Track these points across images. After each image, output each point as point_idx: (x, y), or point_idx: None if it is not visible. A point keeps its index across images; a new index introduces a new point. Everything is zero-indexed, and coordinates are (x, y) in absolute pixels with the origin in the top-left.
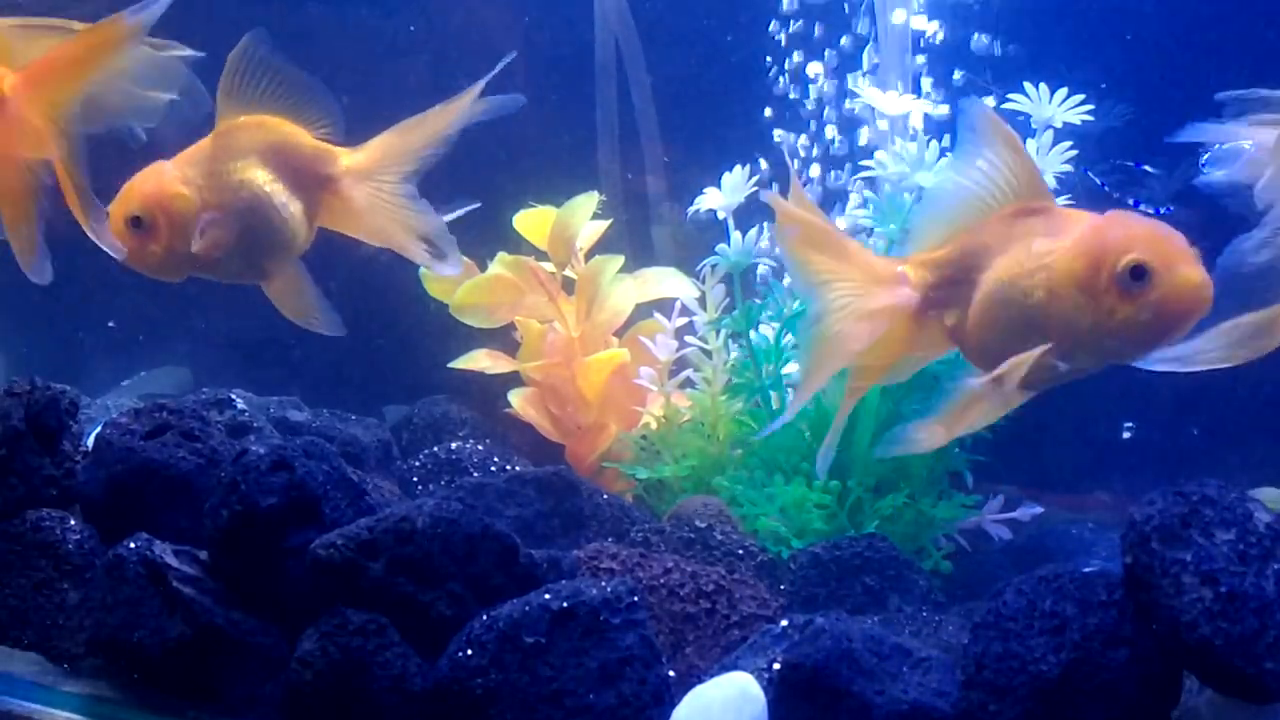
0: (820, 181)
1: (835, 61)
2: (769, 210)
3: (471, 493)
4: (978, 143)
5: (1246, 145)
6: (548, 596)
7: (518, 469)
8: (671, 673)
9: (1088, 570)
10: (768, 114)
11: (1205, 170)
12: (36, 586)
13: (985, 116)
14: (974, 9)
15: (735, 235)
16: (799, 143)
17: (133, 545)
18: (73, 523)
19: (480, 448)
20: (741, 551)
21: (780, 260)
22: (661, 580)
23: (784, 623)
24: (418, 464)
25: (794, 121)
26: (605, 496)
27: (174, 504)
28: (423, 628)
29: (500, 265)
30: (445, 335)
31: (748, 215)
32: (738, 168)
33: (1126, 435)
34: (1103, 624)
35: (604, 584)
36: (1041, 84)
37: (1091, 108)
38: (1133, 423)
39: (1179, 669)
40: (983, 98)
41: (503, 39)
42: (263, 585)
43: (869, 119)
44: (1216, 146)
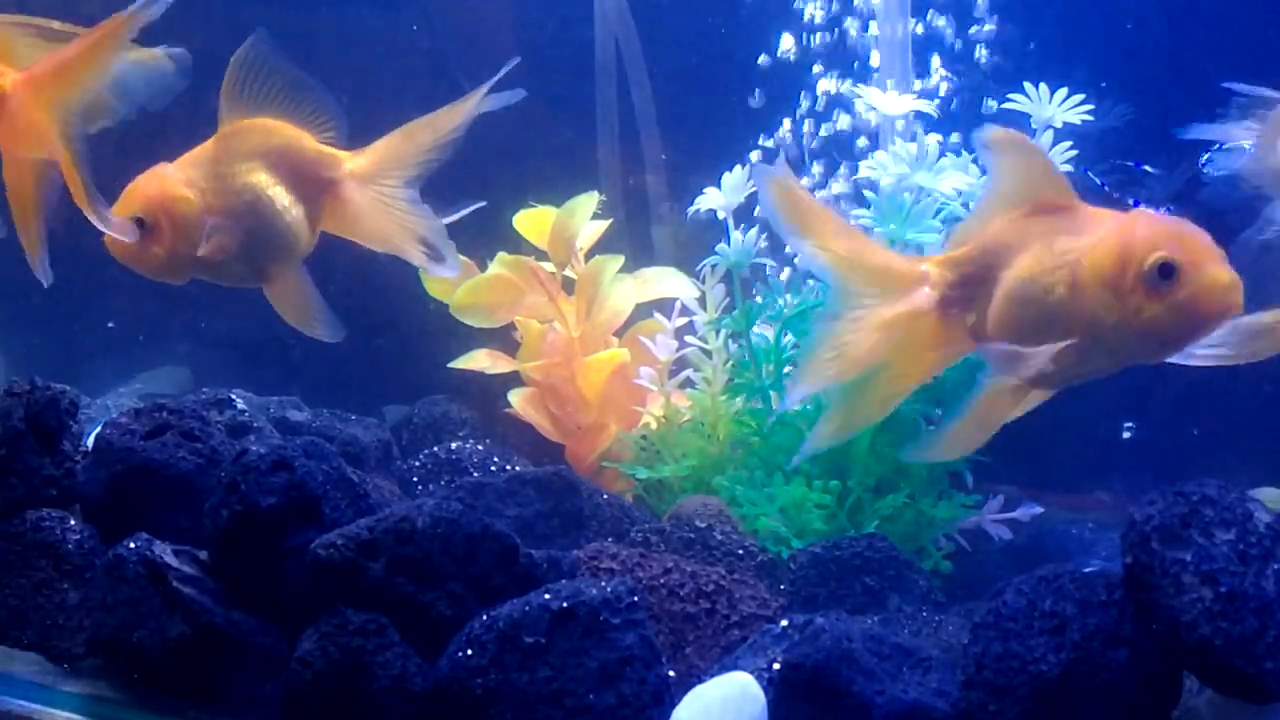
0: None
1: (837, 61)
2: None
3: (471, 493)
4: (993, 158)
5: (1246, 145)
6: (548, 596)
7: (518, 469)
8: (671, 673)
9: (1088, 570)
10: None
11: (1205, 170)
12: (36, 586)
13: (995, 135)
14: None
15: (735, 235)
16: (806, 139)
17: (133, 545)
18: (73, 523)
19: (480, 448)
20: (741, 551)
21: (780, 260)
22: (661, 580)
23: (784, 623)
24: (418, 464)
25: (795, 121)
26: (605, 496)
27: (174, 504)
28: (423, 628)
29: (500, 265)
30: (445, 335)
31: (748, 215)
32: (738, 168)
33: (1126, 435)
34: (1103, 624)
35: (604, 584)
36: (1041, 84)
37: (1091, 107)
38: (1133, 423)
39: (1179, 669)
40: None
41: (503, 39)
42: (263, 585)
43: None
44: (1216, 146)
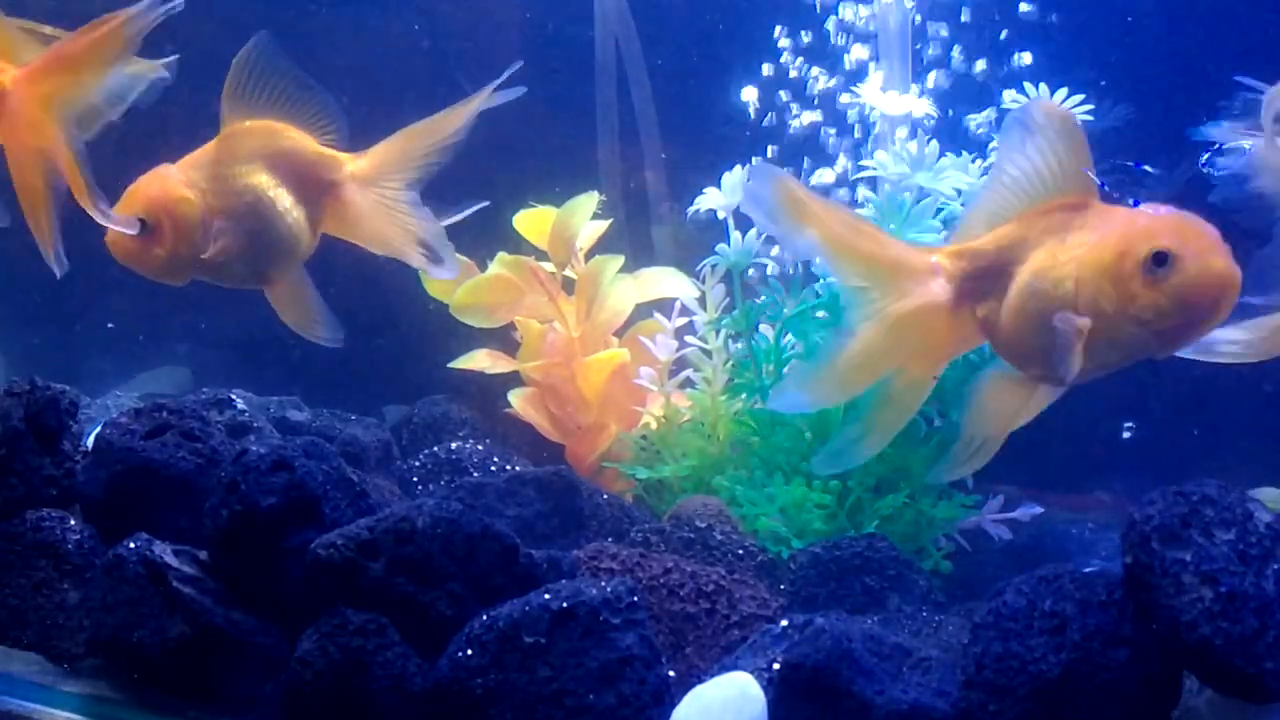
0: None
1: (836, 62)
2: None
3: (471, 493)
4: (1030, 135)
5: (1247, 145)
6: (548, 596)
7: (518, 469)
8: (671, 673)
9: (1088, 570)
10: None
11: (1205, 169)
12: (36, 586)
13: (1043, 110)
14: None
15: (735, 235)
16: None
17: (133, 545)
18: (73, 523)
19: (480, 448)
20: (741, 551)
21: (780, 259)
22: (661, 580)
23: (784, 623)
24: (418, 464)
25: (794, 120)
26: (605, 496)
27: (174, 504)
28: (423, 628)
29: (500, 265)
30: (445, 335)
31: (748, 215)
32: (738, 167)
33: (1126, 435)
34: (1103, 624)
35: (604, 584)
36: (1041, 84)
37: (1091, 107)
38: (1133, 423)
39: (1179, 669)
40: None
41: (503, 39)
42: (263, 585)
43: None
44: (1216, 146)
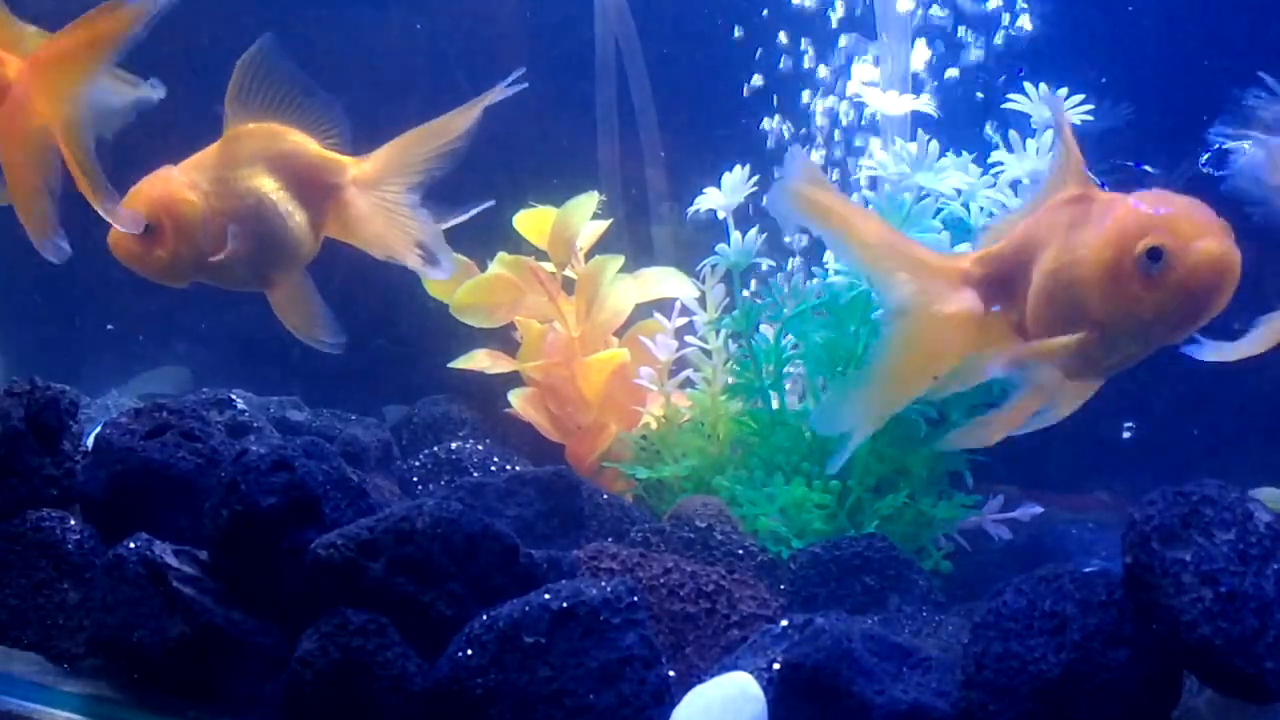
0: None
1: (837, 62)
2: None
3: (471, 493)
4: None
5: (1247, 146)
6: (548, 596)
7: (518, 469)
8: (671, 673)
9: (1088, 570)
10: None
11: (1205, 169)
12: (36, 586)
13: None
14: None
15: (735, 235)
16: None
17: (133, 545)
18: (73, 523)
19: (480, 448)
20: (741, 551)
21: (780, 261)
22: (661, 580)
23: (784, 623)
24: (418, 464)
25: (794, 120)
26: (605, 496)
27: (174, 504)
28: (423, 628)
29: (500, 265)
30: (445, 335)
31: (748, 215)
32: (738, 167)
33: (1126, 435)
34: (1103, 624)
35: (604, 584)
36: (1041, 84)
37: (1091, 107)
38: (1133, 423)
39: (1179, 669)
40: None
41: (504, 39)
42: (263, 585)
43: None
44: (1216, 145)
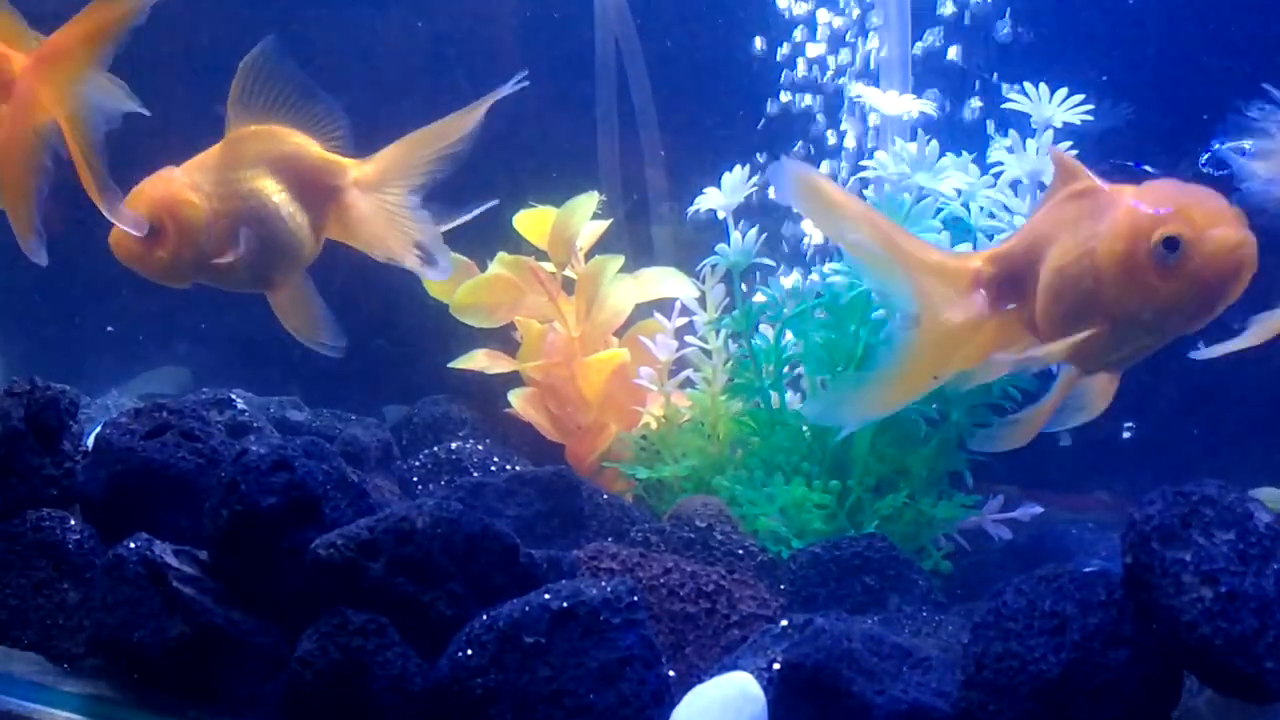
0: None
1: (837, 61)
2: (769, 210)
3: (471, 493)
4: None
5: (1247, 145)
6: (548, 596)
7: (518, 469)
8: (671, 673)
9: (1088, 570)
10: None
11: (1205, 169)
12: (36, 586)
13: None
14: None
15: (735, 235)
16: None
17: (133, 545)
18: (73, 523)
19: (480, 448)
20: (741, 551)
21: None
22: (661, 580)
23: (784, 623)
24: (418, 464)
25: (795, 120)
26: (605, 496)
27: (174, 504)
28: (423, 628)
29: (500, 265)
30: (445, 335)
31: (748, 215)
32: (738, 167)
33: (1126, 435)
34: (1103, 624)
35: (604, 584)
36: (1041, 83)
37: (1091, 107)
38: (1133, 423)
39: (1179, 669)
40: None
41: (503, 39)
42: (263, 585)
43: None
44: (1216, 145)
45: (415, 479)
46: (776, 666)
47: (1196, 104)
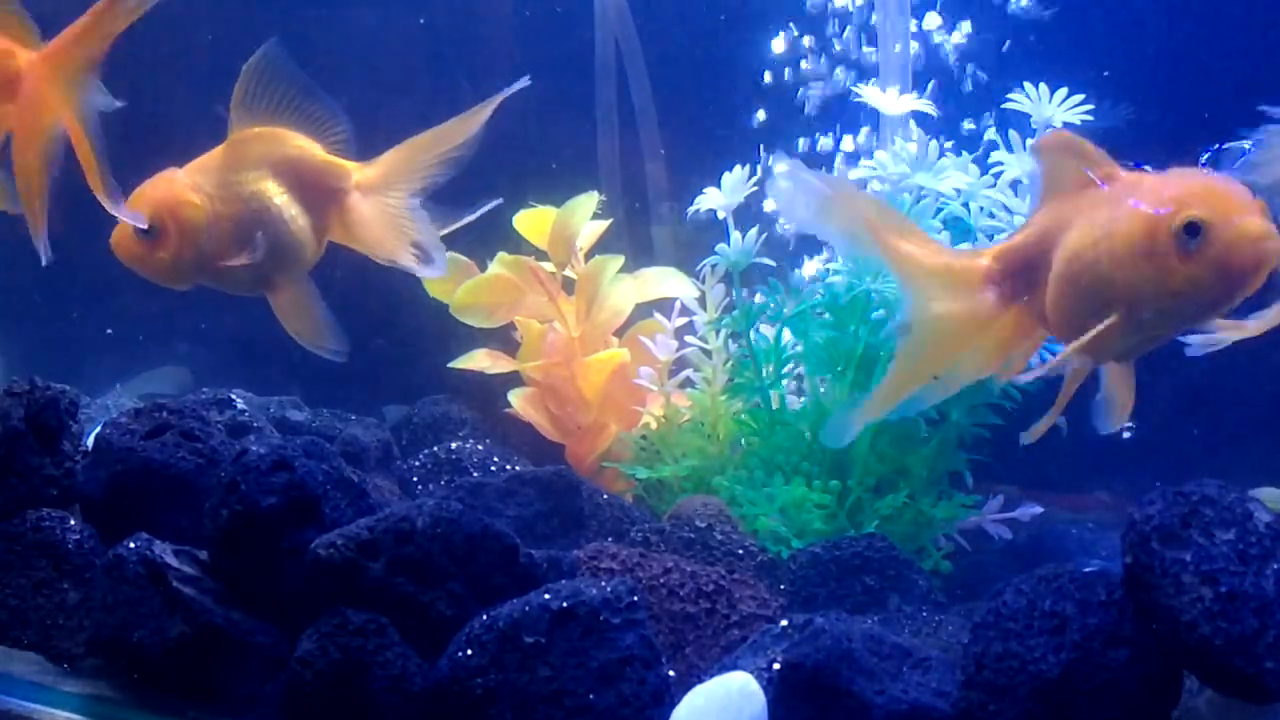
0: None
1: (836, 62)
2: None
3: (471, 493)
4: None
5: (1247, 145)
6: (548, 596)
7: (518, 469)
8: (671, 673)
9: (1088, 570)
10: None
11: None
12: (36, 586)
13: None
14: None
15: (735, 235)
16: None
17: (133, 545)
18: (73, 523)
19: (480, 448)
20: (741, 551)
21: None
22: (661, 580)
23: (784, 623)
24: (418, 464)
25: (795, 120)
26: (605, 496)
27: (174, 504)
28: (423, 628)
29: (500, 265)
30: (445, 335)
31: (748, 215)
32: (738, 167)
33: (1126, 435)
34: (1103, 624)
35: (604, 584)
36: (1042, 84)
37: (1091, 107)
38: (1133, 423)
39: (1179, 669)
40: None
41: (503, 39)
42: (263, 585)
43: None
44: (1216, 146)
45: (415, 479)
46: (776, 666)
47: (1196, 104)
